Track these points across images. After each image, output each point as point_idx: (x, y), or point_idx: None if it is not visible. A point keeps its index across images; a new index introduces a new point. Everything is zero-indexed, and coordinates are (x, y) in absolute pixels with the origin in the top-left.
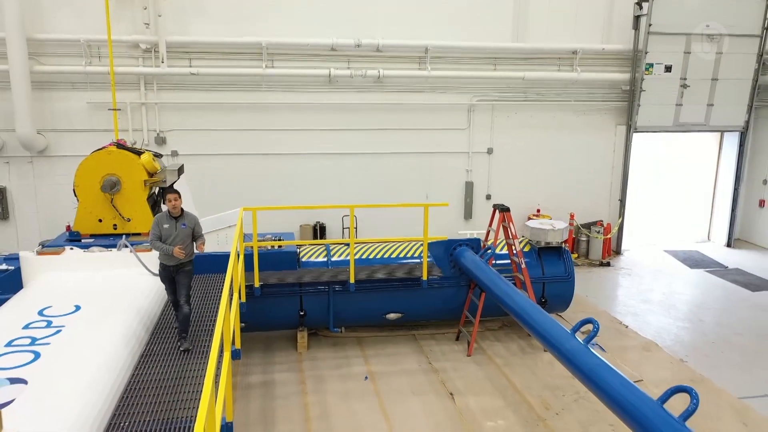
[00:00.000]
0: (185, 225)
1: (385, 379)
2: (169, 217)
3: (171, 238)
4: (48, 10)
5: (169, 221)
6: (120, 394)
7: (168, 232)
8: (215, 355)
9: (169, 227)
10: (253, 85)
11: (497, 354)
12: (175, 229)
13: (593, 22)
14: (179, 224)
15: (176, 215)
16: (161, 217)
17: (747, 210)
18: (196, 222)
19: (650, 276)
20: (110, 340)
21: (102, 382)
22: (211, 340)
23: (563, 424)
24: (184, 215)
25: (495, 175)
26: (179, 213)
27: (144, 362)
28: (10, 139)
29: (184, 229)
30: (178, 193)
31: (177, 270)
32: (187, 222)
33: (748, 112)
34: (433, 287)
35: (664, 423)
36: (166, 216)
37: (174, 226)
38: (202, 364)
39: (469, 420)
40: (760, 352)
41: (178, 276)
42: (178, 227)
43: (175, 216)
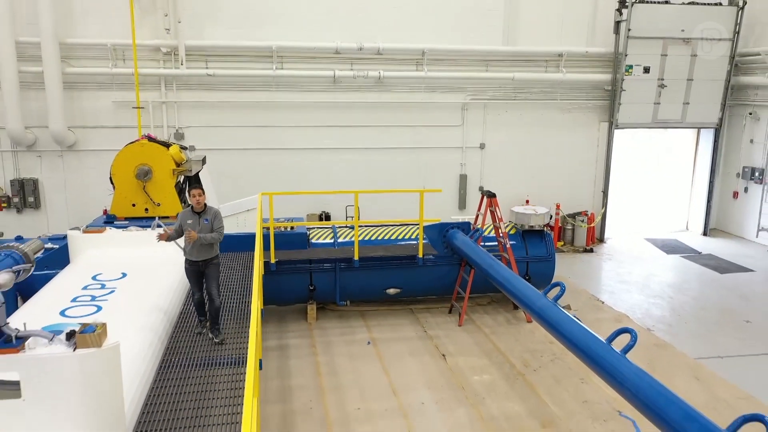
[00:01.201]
0: (207, 220)
1: (385, 344)
2: (193, 213)
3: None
4: (78, 16)
5: (192, 217)
6: (168, 337)
7: (191, 228)
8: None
9: (192, 223)
10: (264, 86)
11: (485, 324)
12: (198, 224)
13: (578, 27)
14: (202, 219)
15: (199, 210)
16: (185, 213)
17: (722, 201)
18: (216, 215)
19: (629, 261)
20: (157, 295)
21: (154, 328)
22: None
23: (539, 378)
24: (207, 210)
25: (487, 168)
26: (202, 208)
27: (183, 315)
28: (42, 134)
29: (207, 224)
30: (202, 189)
31: (206, 264)
32: (209, 217)
33: (721, 110)
34: (428, 265)
35: (608, 354)
36: (189, 212)
37: (197, 222)
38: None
39: (458, 375)
40: (720, 323)
41: (208, 270)
42: (201, 222)
43: (198, 212)
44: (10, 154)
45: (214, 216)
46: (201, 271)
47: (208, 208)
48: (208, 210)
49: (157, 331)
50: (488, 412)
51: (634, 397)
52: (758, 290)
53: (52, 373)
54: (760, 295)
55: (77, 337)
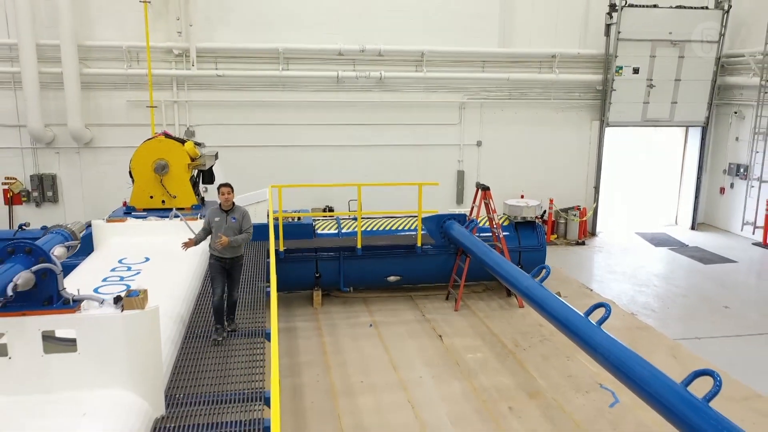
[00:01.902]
0: (235, 219)
1: (386, 327)
2: (221, 211)
3: (221, 231)
4: (95, 20)
5: (220, 215)
6: (191, 311)
7: (219, 225)
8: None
9: (219, 220)
10: (270, 86)
11: (479, 309)
12: (225, 222)
13: (570, 30)
14: (230, 217)
15: (227, 209)
16: (213, 211)
17: (709, 197)
18: (244, 215)
19: (619, 253)
20: (178, 275)
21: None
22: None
23: (528, 356)
24: (235, 209)
25: (484, 164)
26: (231, 206)
27: (202, 293)
28: (60, 132)
29: (234, 222)
30: (231, 188)
31: (232, 263)
32: (236, 215)
33: (708, 109)
34: (427, 254)
35: (585, 325)
36: (217, 210)
37: (225, 220)
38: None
39: (454, 354)
40: (699, 308)
41: (233, 269)
42: (229, 220)
43: (226, 209)
44: (30, 151)
45: (243, 216)
46: (226, 268)
47: (236, 206)
48: (236, 208)
49: (182, 304)
50: (480, 385)
51: (606, 360)
52: (738, 279)
53: (103, 331)
54: (740, 283)
55: (124, 300)
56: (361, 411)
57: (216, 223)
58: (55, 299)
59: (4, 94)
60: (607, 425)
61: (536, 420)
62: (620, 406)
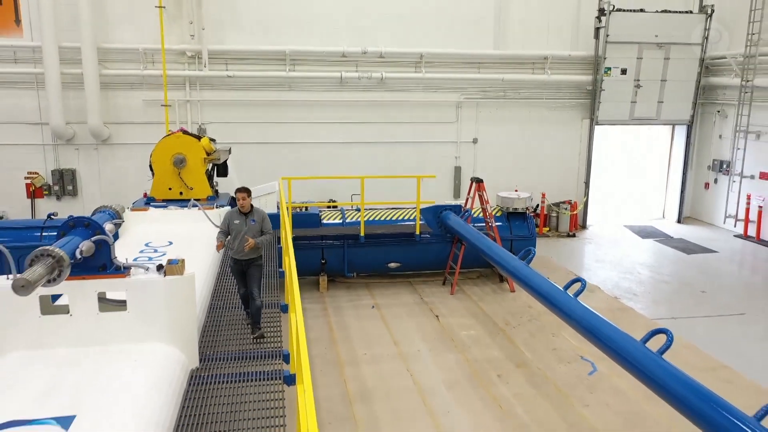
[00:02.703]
0: (254, 221)
1: (387, 308)
2: (239, 214)
3: (241, 233)
4: (113, 24)
5: (239, 217)
6: (212, 288)
7: (238, 228)
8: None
9: (239, 223)
10: (278, 86)
11: (473, 293)
12: (245, 224)
13: (561, 33)
14: (248, 220)
15: (245, 212)
16: (232, 213)
17: (695, 191)
18: (264, 217)
19: (607, 244)
20: (200, 257)
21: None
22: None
23: (517, 333)
24: (254, 211)
25: (480, 160)
26: (248, 209)
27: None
28: (80, 129)
29: (254, 224)
30: (247, 192)
31: (249, 264)
32: (255, 218)
33: (693, 108)
34: (425, 242)
35: (563, 296)
36: (236, 212)
37: (244, 222)
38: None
39: (449, 331)
40: (678, 292)
41: (250, 270)
42: (248, 223)
43: (245, 212)
44: (51, 147)
45: (262, 218)
46: (244, 270)
47: (255, 209)
48: (255, 211)
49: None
50: (472, 357)
51: (579, 325)
52: (717, 267)
53: (148, 293)
54: (718, 271)
55: (166, 267)
56: (365, 377)
57: (236, 226)
58: (108, 266)
59: (28, 94)
60: (585, 390)
61: (522, 386)
62: (598, 374)
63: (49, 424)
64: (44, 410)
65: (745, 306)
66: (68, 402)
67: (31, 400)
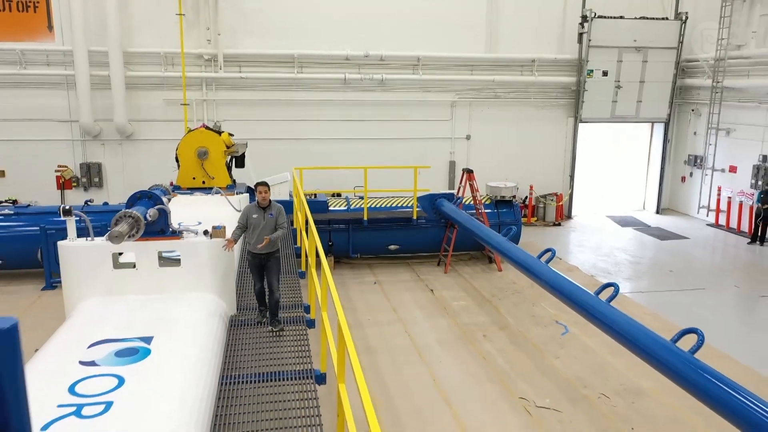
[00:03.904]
0: (272, 215)
1: (387, 284)
2: (258, 208)
3: (259, 227)
4: (137, 30)
5: (258, 212)
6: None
7: (257, 222)
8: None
9: (257, 217)
10: (287, 86)
11: (465, 272)
12: (263, 219)
13: (548, 37)
14: (267, 214)
15: (264, 206)
16: (250, 207)
17: (672, 184)
18: (279, 211)
19: (589, 232)
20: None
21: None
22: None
23: (502, 303)
24: (272, 206)
25: (472, 155)
26: (267, 204)
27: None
28: (106, 126)
29: (272, 218)
30: (267, 186)
31: (267, 258)
32: (273, 212)
33: (669, 107)
34: (421, 226)
35: (536, 263)
36: (254, 207)
37: (262, 216)
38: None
39: (442, 302)
40: (648, 272)
41: (269, 263)
42: (266, 217)
43: (264, 206)
44: (79, 143)
45: (279, 212)
46: (262, 264)
47: (272, 203)
48: (273, 205)
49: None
50: (462, 321)
51: (547, 284)
52: (687, 251)
53: (198, 252)
54: (687, 254)
55: (212, 231)
56: (369, 337)
57: (254, 220)
58: (165, 230)
59: (58, 94)
60: (557, 346)
61: (504, 343)
62: (570, 335)
63: (134, 341)
64: (128, 333)
65: (706, 282)
66: (145, 329)
67: (114, 329)
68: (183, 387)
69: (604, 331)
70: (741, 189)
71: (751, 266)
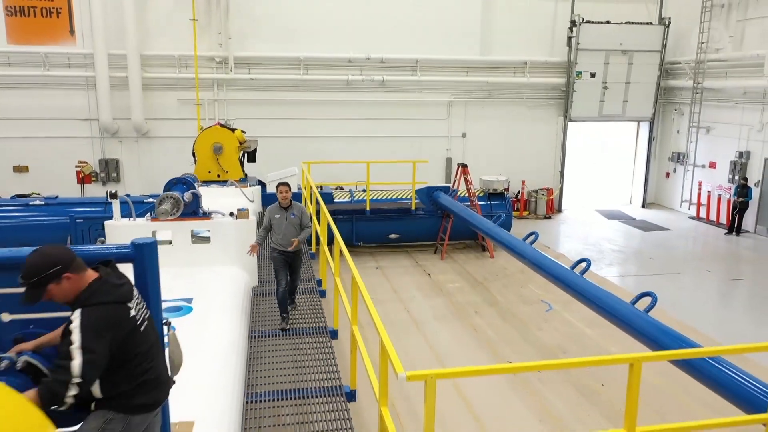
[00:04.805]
0: (294, 215)
1: (388, 269)
2: (280, 208)
3: (282, 227)
4: (153, 34)
5: (279, 212)
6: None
7: (279, 222)
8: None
9: (279, 217)
10: (293, 87)
11: (460, 259)
12: (285, 218)
13: (539, 41)
14: (289, 214)
15: (286, 206)
16: (273, 208)
17: (657, 180)
18: (303, 212)
19: (577, 224)
20: None
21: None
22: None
23: (493, 285)
24: (293, 206)
25: (468, 152)
26: (288, 203)
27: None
28: (123, 124)
29: (293, 218)
30: (288, 186)
31: (295, 256)
32: (295, 212)
33: (654, 107)
34: (419, 217)
35: (520, 244)
36: (277, 207)
37: (284, 216)
38: None
39: (438, 284)
40: (630, 259)
41: (295, 262)
42: (288, 217)
43: (285, 206)
44: (98, 140)
45: (302, 213)
46: (289, 262)
47: (294, 203)
48: (294, 205)
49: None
50: (456, 300)
51: (529, 260)
52: (667, 241)
53: (225, 231)
54: (667, 243)
55: (237, 213)
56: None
57: (276, 220)
58: (197, 212)
59: (80, 94)
60: (541, 320)
61: (493, 318)
62: (553, 312)
63: (177, 301)
64: (171, 296)
65: (681, 268)
66: (185, 293)
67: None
68: (224, 333)
69: (575, 297)
70: (719, 183)
71: (725, 254)
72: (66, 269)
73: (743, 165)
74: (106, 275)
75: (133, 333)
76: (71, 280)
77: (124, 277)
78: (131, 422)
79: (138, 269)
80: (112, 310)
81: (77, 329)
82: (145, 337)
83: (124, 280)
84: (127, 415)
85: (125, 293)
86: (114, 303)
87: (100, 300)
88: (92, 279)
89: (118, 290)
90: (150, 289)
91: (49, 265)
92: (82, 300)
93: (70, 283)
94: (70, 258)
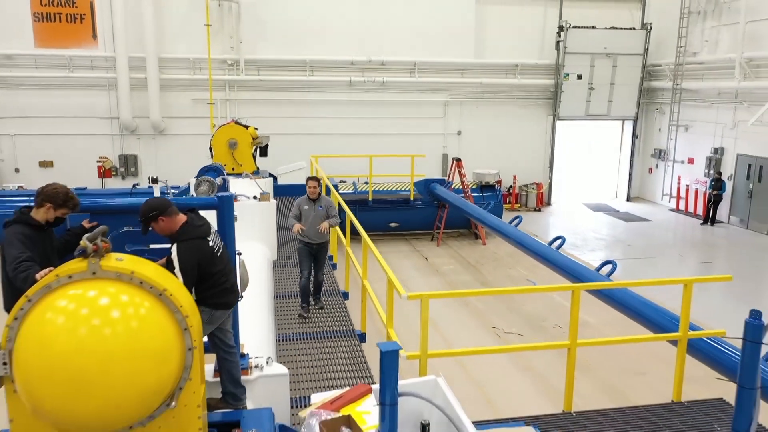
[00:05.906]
0: (321, 207)
1: (388, 254)
2: (308, 200)
3: (309, 218)
4: (170, 38)
5: (308, 203)
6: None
7: (307, 213)
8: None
9: (308, 209)
10: (299, 88)
11: (454, 245)
12: (313, 210)
13: (530, 45)
14: (316, 206)
15: (314, 198)
16: (302, 200)
17: (641, 175)
18: (330, 204)
19: (565, 215)
20: None
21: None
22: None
23: (484, 267)
24: (321, 198)
25: (463, 149)
26: (317, 197)
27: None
28: (141, 123)
29: (321, 210)
30: (317, 180)
31: (319, 248)
32: (322, 204)
33: (637, 107)
34: (417, 207)
35: (506, 225)
36: (306, 199)
37: (312, 208)
38: None
39: (434, 266)
40: (610, 246)
41: (320, 253)
42: (316, 209)
43: (313, 199)
44: (118, 137)
45: (329, 205)
46: (313, 253)
47: (321, 196)
48: (322, 198)
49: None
50: (450, 280)
51: (515, 241)
52: (646, 230)
53: (250, 211)
54: (646, 233)
55: (260, 197)
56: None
57: (305, 211)
58: None
59: (101, 94)
60: (526, 295)
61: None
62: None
63: None
64: None
65: (656, 253)
66: None
67: None
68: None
69: (550, 267)
70: (697, 178)
71: (699, 242)
72: (161, 214)
73: (718, 160)
74: (191, 219)
75: (212, 257)
76: (165, 222)
77: (203, 219)
78: (214, 314)
79: (220, 214)
80: (197, 243)
81: (176, 258)
82: (220, 260)
83: (203, 221)
84: (211, 309)
85: (204, 231)
86: (197, 238)
87: (187, 236)
88: (182, 222)
89: (199, 229)
90: (227, 227)
91: (149, 210)
92: (176, 237)
93: (165, 223)
94: (165, 206)
